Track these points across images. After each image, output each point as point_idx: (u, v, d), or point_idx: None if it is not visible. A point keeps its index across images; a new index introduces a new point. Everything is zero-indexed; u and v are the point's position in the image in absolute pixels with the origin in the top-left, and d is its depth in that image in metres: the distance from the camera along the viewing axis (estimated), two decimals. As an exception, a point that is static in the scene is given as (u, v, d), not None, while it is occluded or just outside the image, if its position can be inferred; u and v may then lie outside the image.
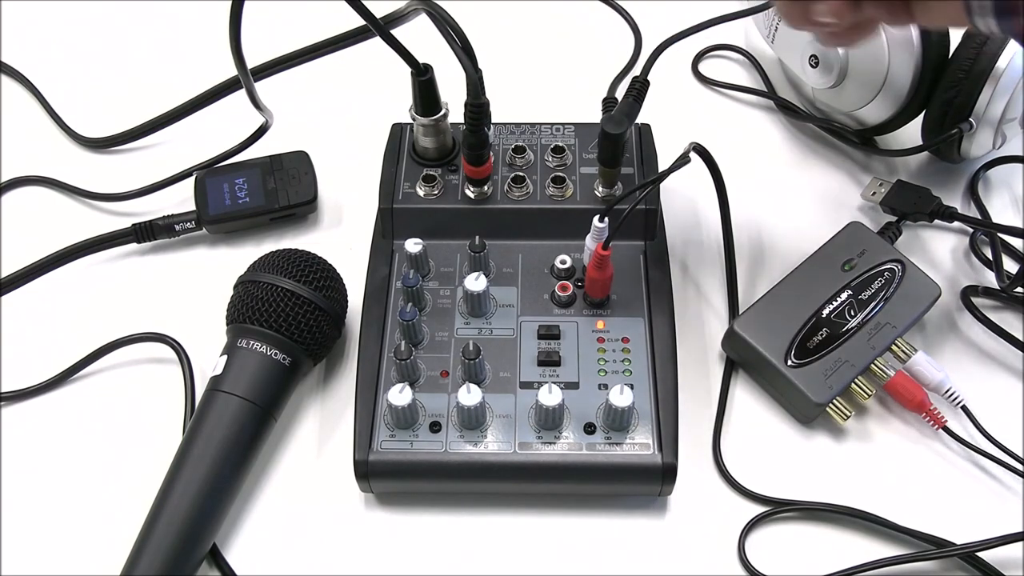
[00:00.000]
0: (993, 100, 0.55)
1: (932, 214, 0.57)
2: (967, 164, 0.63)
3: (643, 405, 0.48)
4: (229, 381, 0.49)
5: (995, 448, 0.50)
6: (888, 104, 0.59)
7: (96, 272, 0.60)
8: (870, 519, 0.48)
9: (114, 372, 0.55)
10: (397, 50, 0.48)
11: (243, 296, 0.51)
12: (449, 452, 0.47)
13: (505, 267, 0.54)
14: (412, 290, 0.51)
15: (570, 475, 0.47)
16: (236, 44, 0.50)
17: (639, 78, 0.53)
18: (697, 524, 0.49)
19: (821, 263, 0.54)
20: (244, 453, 0.48)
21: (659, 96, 0.56)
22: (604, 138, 0.51)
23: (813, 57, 0.61)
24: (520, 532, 0.49)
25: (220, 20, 0.49)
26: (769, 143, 0.67)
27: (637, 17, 0.75)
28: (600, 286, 0.51)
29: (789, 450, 0.52)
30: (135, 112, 0.66)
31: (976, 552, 0.46)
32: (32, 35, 0.76)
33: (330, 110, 0.69)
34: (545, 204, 0.54)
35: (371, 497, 0.50)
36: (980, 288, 0.57)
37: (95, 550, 0.49)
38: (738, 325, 0.52)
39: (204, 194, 0.60)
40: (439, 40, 0.50)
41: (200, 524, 0.46)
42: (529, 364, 0.50)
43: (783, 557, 0.48)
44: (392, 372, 0.50)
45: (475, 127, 0.51)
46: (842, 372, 0.50)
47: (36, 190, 0.65)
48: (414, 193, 0.55)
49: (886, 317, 0.52)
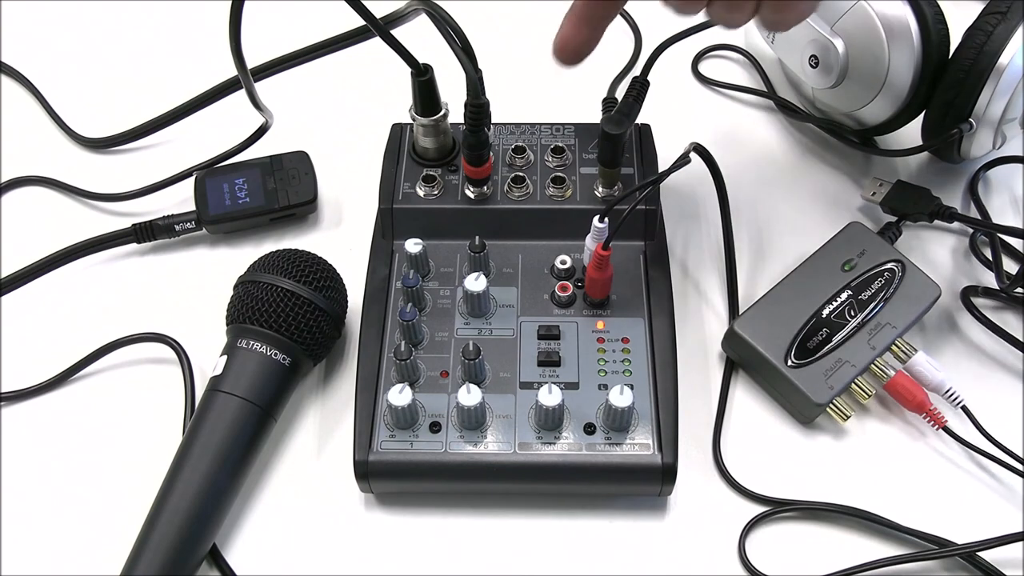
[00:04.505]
0: (993, 100, 0.55)
1: (932, 214, 0.57)
2: (967, 164, 0.63)
3: (643, 405, 0.48)
4: (229, 381, 0.49)
5: (995, 448, 0.50)
6: (888, 104, 0.59)
7: (96, 272, 0.60)
8: (870, 519, 0.48)
9: (114, 372, 0.55)
10: (397, 50, 0.48)
11: (243, 296, 0.51)
12: (449, 452, 0.47)
13: (505, 267, 0.54)
14: (412, 290, 0.51)
15: (570, 475, 0.47)
16: (236, 44, 0.50)
17: (639, 78, 0.53)
18: (697, 524, 0.49)
19: (821, 263, 0.54)
20: (244, 453, 0.48)
21: (659, 96, 0.56)
22: (604, 138, 0.51)
23: (813, 57, 0.61)
24: (520, 532, 0.49)
25: (220, 20, 0.49)
26: (769, 143, 0.67)
27: (637, 17, 0.75)
28: (600, 286, 0.51)
29: (789, 450, 0.52)
30: (135, 112, 0.66)
31: (976, 552, 0.46)
32: (32, 35, 0.76)
33: (330, 110, 0.69)
34: (545, 204, 0.54)
35: (371, 497, 0.50)
36: (980, 288, 0.57)
37: (95, 550, 0.49)
38: (738, 325, 0.52)
39: (204, 194, 0.60)
40: (439, 40, 0.50)
41: (200, 524, 0.46)
42: (529, 364, 0.50)
43: (783, 557, 0.48)
44: (392, 372, 0.50)
45: (475, 127, 0.51)
46: (842, 372, 0.50)
47: (36, 190, 0.65)
48: (414, 193, 0.55)
49: (886, 317, 0.52)
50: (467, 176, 0.54)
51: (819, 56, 0.60)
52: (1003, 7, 0.54)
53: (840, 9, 0.58)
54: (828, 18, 0.59)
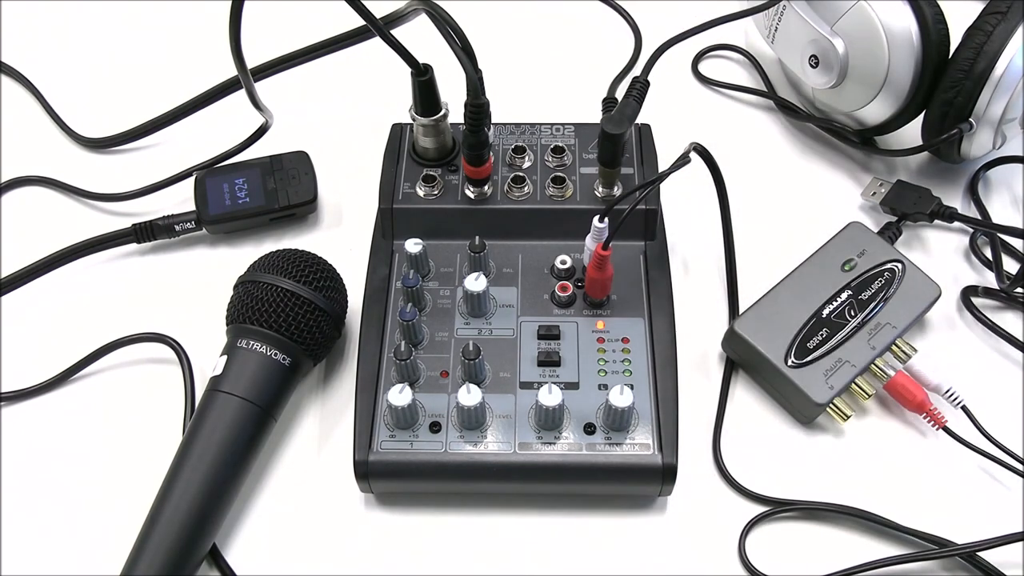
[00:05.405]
0: (993, 100, 0.55)
1: (932, 214, 0.57)
2: (967, 164, 0.63)
3: (643, 405, 0.48)
4: (229, 381, 0.49)
5: (995, 448, 0.50)
6: (888, 104, 0.59)
7: (96, 272, 0.60)
8: (870, 519, 0.48)
9: (114, 372, 0.55)
10: (397, 50, 0.48)
11: (243, 296, 0.51)
12: (449, 452, 0.47)
13: (505, 267, 0.54)
14: (412, 290, 0.51)
15: (570, 475, 0.47)
16: (236, 44, 0.50)
17: (639, 78, 0.53)
18: (697, 524, 0.49)
19: (821, 263, 0.54)
20: (244, 453, 0.48)
21: (659, 96, 0.56)
22: (604, 138, 0.51)
23: (813, 57, 0.61)
24: (520, 532, 0.49)
25: (220, 20, 0.49)
26: (769, 143, 0.67)
27: (637, 17, 0.75)
28: (600, 286, 0.51)
29: (789, 450, 0.52)
30: (135, 112, 0.66)
31: (976, 552, 0.46)
32: (32, 35, 0.76)
33: (330, 110, 0.69)
34: (545, 204, 0.54)
35: (371, 497, 0.50)
36: (980, 288, 0.57)
37: (95, 550, 0.49)
38: (738, 325, 0.52)
39: (204, 194, 0.60)
40: (439, 40, 0.50)
41: (200, 524, 0.46)
42: (529, 364, 0.50)
43: (783, 557, 0.48)
44: (392, 372, 0.50)
45: (475, 127, 0.51)
46: (842, 372, 0.50)
47: (36, 190, 0.65)
48: (414, 193, 0.55)
49: (886, 317, 0.52)
50: (467, 176, 0.54)
51: (819, 56, 0.60)
52: (1003, 7, 0.54)
53: (840, 9, 0.58)
54: (828, 18, 0.59)
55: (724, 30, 0.66)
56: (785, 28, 0.63)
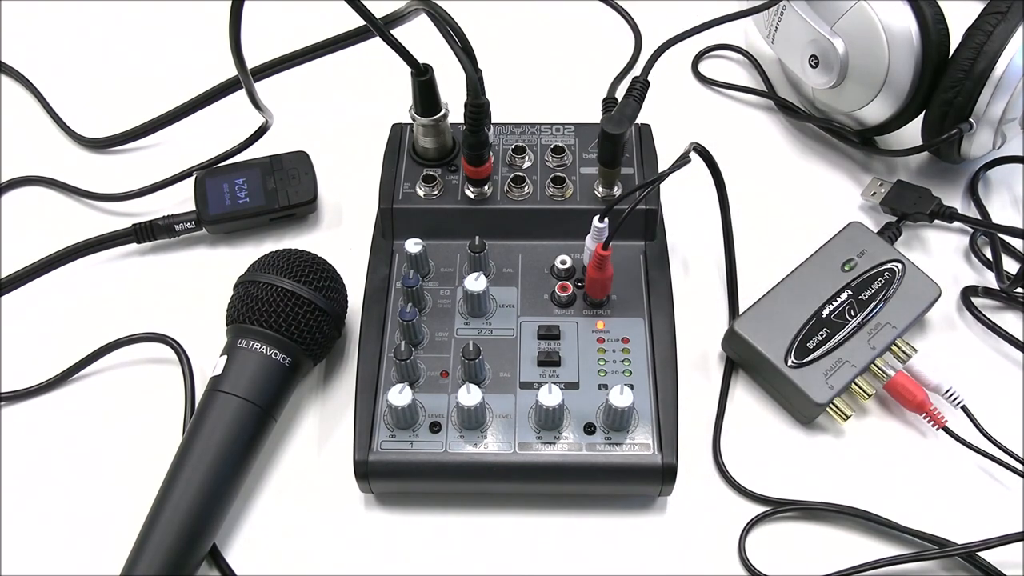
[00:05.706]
0: (993, 100, 0.55)
1: (932, 214, 0.57)
2: (967, 164, 0.63)
3: (643, 405, 0.48)
4: (229, 381, 0.49)
5: (995, 448, 0.50)
6: (888, 104, 0.59)
7: (96, 272, 0.60)
8: (870, 519, 0.48)
9: (114, 372, 0.55)
10: (397, 50, 0.48)
11: (243, 296, 0.51)
12: (449, 452, 0.47)
13: (505, 267, 0.54)
14: (412, 290, 0.51)
15: (570, 475, 0.47)
16: (236, 44, 0.50)
17: (639, 78, 0.53)
18: (697, 524, 0.49)
19: (821, 263, 0.54)
20: (244, 453, 0.48)
21: (659, 96, 0.56)
22: (604, 138, 0.51)
23: (813, 57, 0.61)
24: (520, 532, 0.49)
25: (220, 20, 0.49)
26: (769, 143, 0.67)
27: (637, 17, 0.75)
28: (600, 286, 0.51)
29: (789, 450, 0.52)
30: (135, 112, 0.66)
31: (976, 552, 0.46)
32: (32, 35, 0.76)
33: (330, 110, 0.69)
34: (545, 204, 0.54)
35: (371, 497, 0.50)
36: (980, 288, 0.57)
37: (95, 550, 0.49)
38: (738, 325, 0.52)
39: (204, 194, 0.60)
40: (439, 40, 0.50)
41: (200, 524, 0.46)
42: (529, 364, 0.50)
43: (783, 557, 0.48)
44: (392, 372, 0.50)
45: (475, 127, 0.51)
46: (842, 372, 0.50)
47: (36, 190, 0.65)
48: (414, 193, 0.55)
49: (886, 317, 0.52)
50: (467, 176, 0.54)
51: (819, 56, 0.60)
52: (1003, 7, 0.54)
53: (840, 9, 0.58)
54: (828, 18, 0.59)
55: (724, 30, 0.66)
56: (785, 28, 0.63)
